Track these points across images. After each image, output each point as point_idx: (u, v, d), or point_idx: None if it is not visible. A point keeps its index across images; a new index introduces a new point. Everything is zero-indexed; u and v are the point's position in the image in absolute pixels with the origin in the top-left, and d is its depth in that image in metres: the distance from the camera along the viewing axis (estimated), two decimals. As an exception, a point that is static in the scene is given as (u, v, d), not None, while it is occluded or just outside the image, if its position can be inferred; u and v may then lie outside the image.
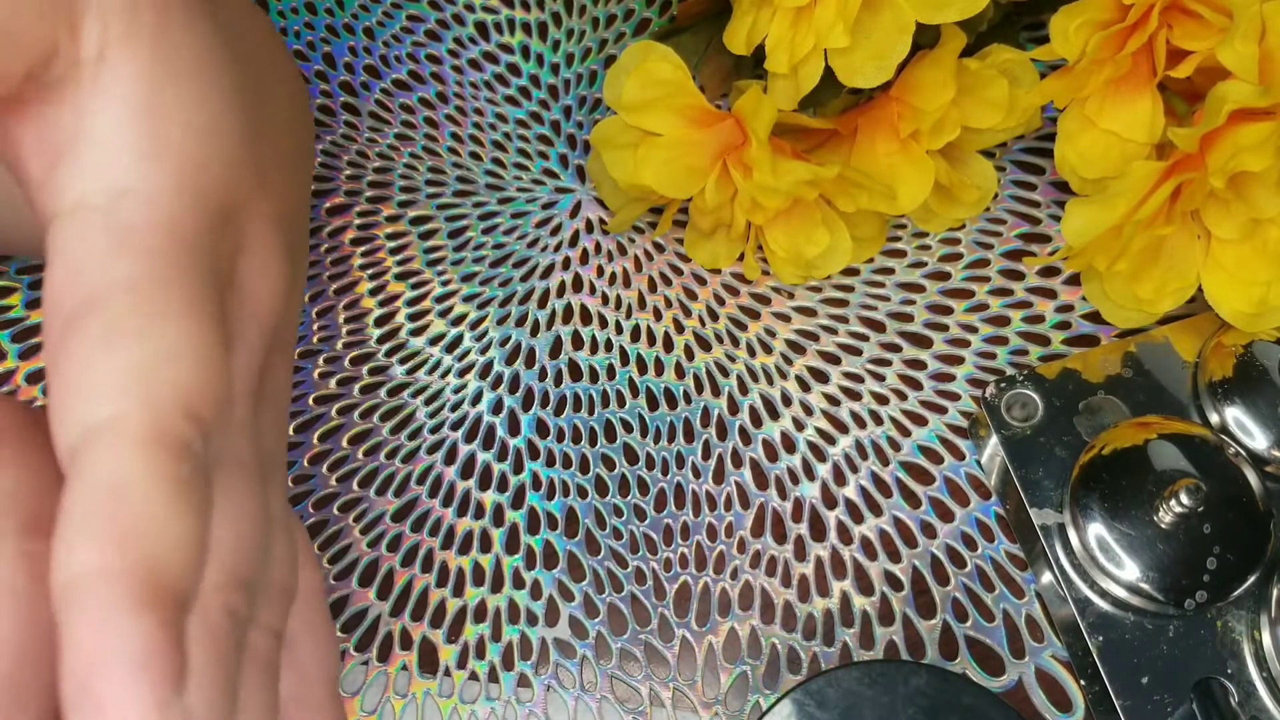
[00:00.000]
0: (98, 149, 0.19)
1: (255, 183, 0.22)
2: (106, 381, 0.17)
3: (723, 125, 0.32)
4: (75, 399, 0.17)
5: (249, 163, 0.22)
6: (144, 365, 0.17)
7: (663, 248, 0.37)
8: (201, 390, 0.18)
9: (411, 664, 0.32)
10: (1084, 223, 0.31)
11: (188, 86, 0.20)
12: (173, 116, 0.19)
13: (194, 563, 0.17)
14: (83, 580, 0.15)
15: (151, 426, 0.17)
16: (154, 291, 0.18)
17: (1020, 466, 0.32)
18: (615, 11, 0.41)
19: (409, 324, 0.36)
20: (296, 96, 0.30)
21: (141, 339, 0.17)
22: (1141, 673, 0.30)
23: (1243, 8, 0.29)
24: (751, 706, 0.31)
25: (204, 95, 0.20)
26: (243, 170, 0.21)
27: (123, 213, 0.18)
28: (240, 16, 0.27)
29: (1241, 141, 0.29)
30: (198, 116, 0.20)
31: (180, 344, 0.18)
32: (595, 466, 0.34)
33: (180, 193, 0.19)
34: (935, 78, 0.32)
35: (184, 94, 0.20)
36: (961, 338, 0.36)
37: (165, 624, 0.16)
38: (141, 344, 0.17)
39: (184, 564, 0.16)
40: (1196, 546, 0.29)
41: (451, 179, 0.38)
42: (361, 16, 0.41)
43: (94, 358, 0.17)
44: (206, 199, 0.20)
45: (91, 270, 0.18)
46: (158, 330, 0.17)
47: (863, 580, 0.33)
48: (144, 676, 0.15)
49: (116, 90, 0.19)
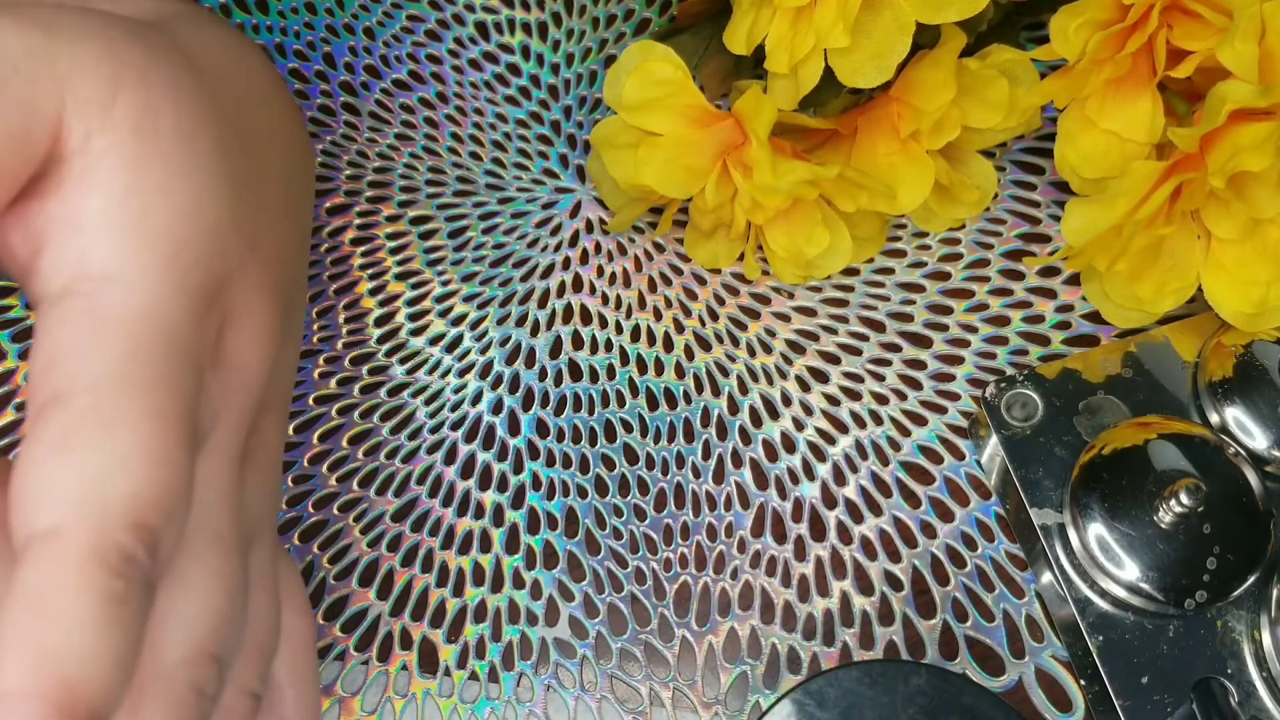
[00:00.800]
0: (81, 235, 0.19)
1: (245, 250, 0.22)
2: (54, 490, 0.17)
3: (723, 125, 0.32)
4: (24, 502, 0.18)
5: (237, 233, 0.22)
6: (94, 475, 0.18)
7: (663, 248, 0.37)
8: (151, 499, 0.18)
9: (411, 664, 0.32)
10: (1084, 223, 0.31)
11: (171, 167, 0.20)
12: (155, 200, 0.20)
13: (114, 683, 0.17)
14: (8, 697, 0.16)
15: (90, 542, 0.17)
16: (118, 392, 0.18)
17: (1020, 466, 0.32)
18: (615, 11, 0.41)
19: (409, 324, 0.36)
20: (292, 138, 0.29)
21: (95, 446, 0.18)
22: (1141, 673, 0.30)
23: (1243, 8, 0.29)
24: (751, 706, 0.31)
25: (188, 174, 0.20)
26: (230, 242, 0.21)
27: (102, 299, 0.19)
28: (231, 66, 0.26)
29: (1241, 141, 0.29)
30: (181, 197, 0.20)
31: (134, 451, 0.18)
32: (595, 466, 0.34)
33: (162, 275, 0.19)
34: (935, 78, 0.32)
35: (167, 175, 0.20)
36: (961, 338, 0.36)
37: None
38: (94, 452, 0.18)
39: (102, 684, 0.17)
40: (1196, 546, 0.29)
41: (451, 179, 0.38)
42: (361, 16, 0.41)
43: (48, 462, 0.18)
44: (189, 279, 0.20)
45: (65, 362, 0.18)
46: (113, 437, 0.18)
47: (863, 580, 0.33)
48: None
49: (98, 178, 0.19)
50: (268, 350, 0.23)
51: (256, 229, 0.23)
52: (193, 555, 0.20)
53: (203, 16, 0.27)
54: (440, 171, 0.38)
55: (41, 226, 0.19)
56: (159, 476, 0.18)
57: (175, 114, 0.20)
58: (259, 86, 0.28)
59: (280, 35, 0.40)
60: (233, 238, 0.21)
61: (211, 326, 0.21)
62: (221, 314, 0.22)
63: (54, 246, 0.19)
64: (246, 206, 0.23)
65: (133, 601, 0.17)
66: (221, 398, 0.21)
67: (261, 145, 0.26)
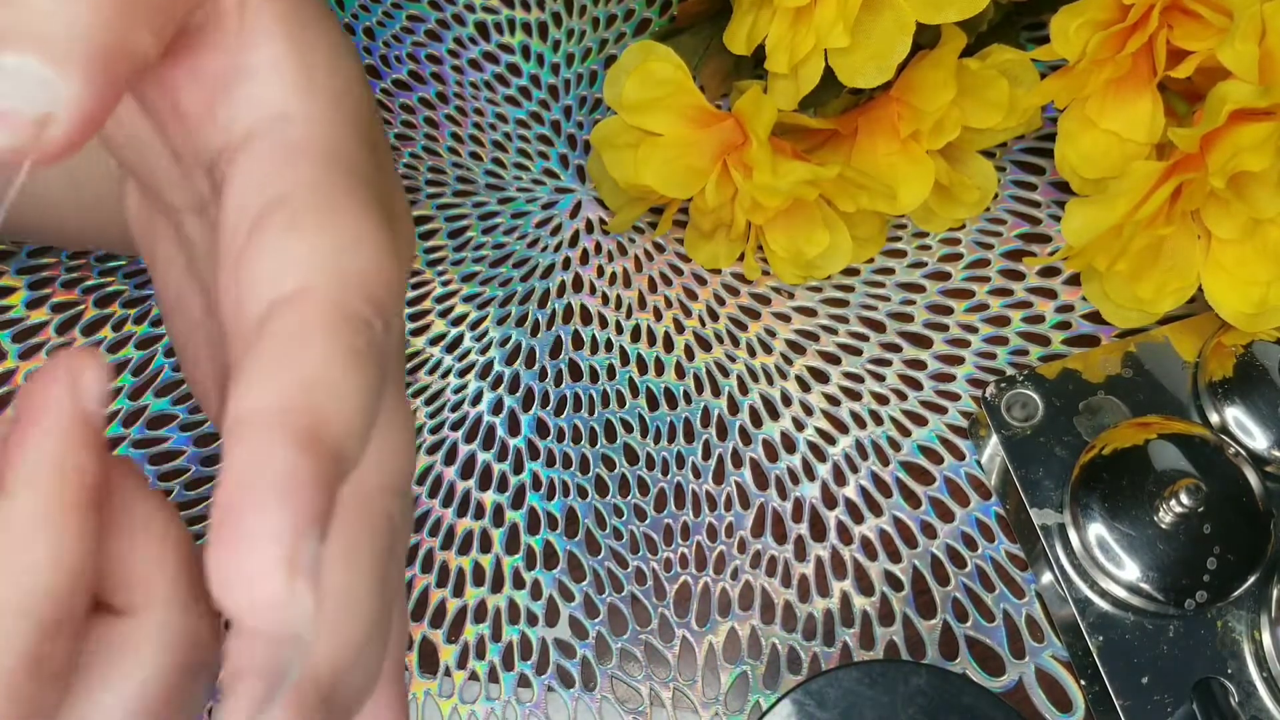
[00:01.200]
0: (254, 83, 0.20)
1: (380, 139, 0.23)
2: (293, 260, 0.18)
3: (723, 125, 0.32)
4: (263, 280, 0.18)
5: (370, 105, 0.22)
6: (328, 249, 0.18)
7: (663, 248, 0.37)
8: (379, 277, 0.18)
9: (411, 664, 0.32)
10: (1084, 223, 0.31)
11: (323, 28, 0.21)
12: (314, 51, 0.21)
13: (359, 431, 0.17)
14: (251, 415, 0.16)
15: (336, 298, 0.17)
16: (332, 188, 0.19)
17: (1020, 466, 0.32)
18: (615, 11, 0.41)
19: (409, 324, 0.36)
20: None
21: (323, 228, 0.18)
22: (1141, 673, 0.30)
23: (1243, 8, 0.29)
24: (751, 706, 0.31)
25: (331, 31, 0.21)
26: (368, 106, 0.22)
27: (289, 133, 0.20)
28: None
29: (1241, 141, 0.29)
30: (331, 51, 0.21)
31: (360, 234, 0.18)
32: (595, 466, 0.34)
33: (335, 114, 0.20)
34: (935, 78, 0.32)
35: (319, 31, 0.21)
36: (961, 338, 0.36)
37: (319, 470, 0.16)
38: (324, 232, 0.18)
39: (350, 427, 0.17)
40: (1196, 546, 0.29)
41: (451, 179, 0.38)
42: (362, 16, 0.41)
43: (281, 242, 0.18)
44: (356, 123, 0.21)
45: (272, 180, 0.19)
46: (339, 221, 0.18)
47: (863, 580, 0.33)
48: (288, 504, 0.15)
49: (262, 30, 0.20)
50: (410, 229, 0.24)
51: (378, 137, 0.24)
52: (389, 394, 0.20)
53: None
54: (440, 171, 0.38)
55: (214, 76, 0.20)
56: (385, 260, 0.18)
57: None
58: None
59: (280, 35, 0.40)
60: (368, 104, 0.22)
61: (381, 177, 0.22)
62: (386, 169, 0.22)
63: (231, 95, 0.20)
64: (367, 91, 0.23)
65: (373, 364, 0.17)
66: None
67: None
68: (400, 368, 0.21)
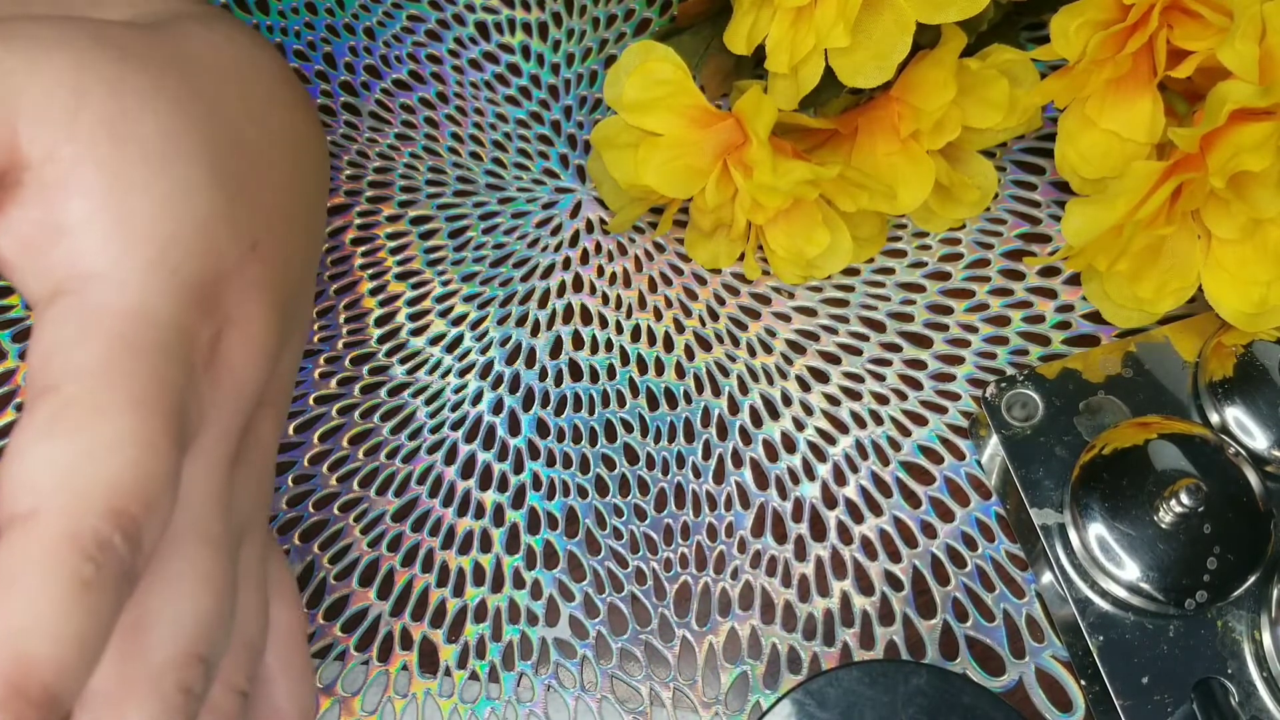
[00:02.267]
0: (68, 238, 0.20)
1: (244, 249, 0.22)
2: (35, 474, 0.18)
3: (723, 125, 0.32)
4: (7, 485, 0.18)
5: (233, 230, 0.22)
6: (74, 460, 0.18)
7: (663, 248, 0.37)
8: (132, 487, 0.18)
9: (411, 664, 0.32)
10: (1084, 223, 0.31)
11: (154, 167, 0.20)
12: (138, 200, 0.20)
13: (75, 665, 0.17)
14: None
15: (64, 525, 0.17)
16: (106, 381, 0.18)
17: (1020, 466, 0.32)
18: (615, 11, 0.41)
19: (409, 324, 0.36)
20: (303, 138, 0.29)
21: (78, 433, 0.18)
22: (1142, 673, 0.30)
23: (1243, 8, 0.29)
24: (751, 706, 0.31)
25: (172, 173, 0.21)
26: (224, 239, 0.21)
27: (92, 296, 0.19)
28: (238, 65, 0.26)
29: (1242, 141, 0.29)
30: (166, 196, 0.20)
31: (119, 439, 0.18)
32: (595, 466, 0.34)
33: (150, 272, 0.20)
34: (936, 78, 0.32)
35: (149, 175, 0.20)
36: (962, 338, 0.36)
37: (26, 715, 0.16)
38: (76, 438, 0.18)
39: (61, 665, 0.17)
40: (1196, 546, 0.29)
41: (452, 179, 0.38)
42: (362, 16, 0.41)
43: (32, 447, 0.18)
44: (178, 275, 0.20)
45: (57, 356, 0.19)
46: (96, 424, 0.18)
47: (863, 580, 0.33)
48: None
49: (76, 183, 0.20)
50: (265, 350, 0.23)
51: (256, 227, 0.23)
52: (181, 556, 0.20)
53: (215, 16, 0.27)
54: (440, 171, 0.38)
55: (28, 231, 0.20)
56: (141, 465, 0.18)
57: (155, 116, 0.21)
58: (268, 86, 0.28)
59: (280, 35, 0.40)
60: (226, 234, 0.22)
61: (208, 326, 0.21)
62: (222, 316, 0.22)
63: (43, 250, 0.20)
64: (244, 205, 0.23)
65: (105, 588, 0.17)
66: (213, 397, 0.21)
67: (266, 144, 0.26)
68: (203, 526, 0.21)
